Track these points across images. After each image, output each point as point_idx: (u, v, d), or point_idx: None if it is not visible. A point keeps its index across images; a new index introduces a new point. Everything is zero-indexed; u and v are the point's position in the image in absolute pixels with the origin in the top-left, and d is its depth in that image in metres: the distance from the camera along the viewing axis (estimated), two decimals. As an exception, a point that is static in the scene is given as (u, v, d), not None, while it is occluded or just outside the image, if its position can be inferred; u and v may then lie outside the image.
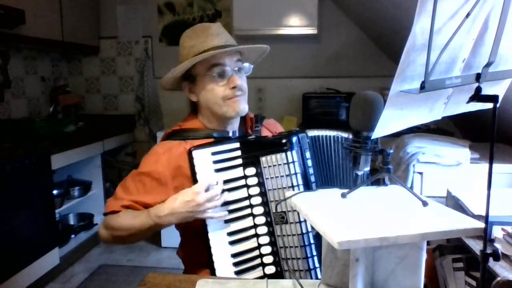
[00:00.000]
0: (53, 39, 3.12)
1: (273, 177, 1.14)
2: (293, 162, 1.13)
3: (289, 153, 1.13)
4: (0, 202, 2.29)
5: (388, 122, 0.82)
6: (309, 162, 1.17)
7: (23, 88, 3.32)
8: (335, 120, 3.20)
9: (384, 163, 0.94)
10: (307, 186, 1.14)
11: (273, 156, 1.14)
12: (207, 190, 1.11)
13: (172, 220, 1.12)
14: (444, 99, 0.89)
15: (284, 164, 1.13)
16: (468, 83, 0.79)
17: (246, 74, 1.29)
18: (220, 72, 1.21)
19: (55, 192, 2.95)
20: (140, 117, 3.82)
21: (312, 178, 1.17)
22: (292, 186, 1.12)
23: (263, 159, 1.14)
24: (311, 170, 1.17)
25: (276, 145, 1.15)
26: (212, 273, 1.12)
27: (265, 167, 1.14)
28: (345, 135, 1.19)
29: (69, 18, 3.28)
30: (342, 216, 0.83)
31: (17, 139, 2.72)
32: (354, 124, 0.97)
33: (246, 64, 1.28)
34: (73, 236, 3.21)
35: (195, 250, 1.25)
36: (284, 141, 1.14)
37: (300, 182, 1.13)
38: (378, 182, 1.00)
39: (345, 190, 0.93)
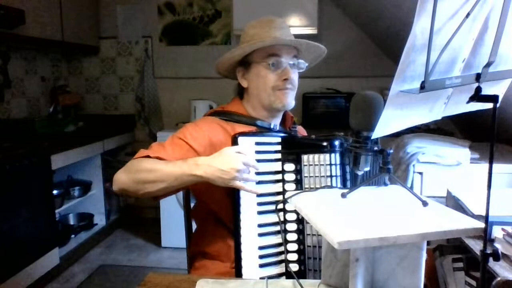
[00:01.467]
0: (53, 39, 3.11)
1: (312, 176, 1.14)
2: (335, 164, 1.13)
3: (333, 155, 1.13)
4: (0, 202, 2.29)
5: (388, 122, 0.82)
6: (348, 168, 1.17)
7: (23, 88, 3.32)
8: (335, 120, 3.20)
9: (384, 163, 0.94)
10: None
11: (316, 156, 1.14)
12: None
13: (207, 172, 1.08)
14: (444, 99, 0.89)
15: (327, 165, 1.13)
16: (468, 83, 0.79)
17: (300, 71, 1.32)
18: (275, 62, 1.25)
19: (55, 192, 2.95)
20: (140, 117, 3.82)
21: (348, 184, 1.16)
22: (331, 188, 1.11)
23: (304, 157, 1.15)
24: (348, 176, 1.16)
25: (319, 145, 1.15)
26: (237, 263, 1.12)
27: (306, 165, 1.14)
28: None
29: (69, 18, 3.27)
30: (342, 216, 0.83)
31: (17, 139, 2.71)
32: (354, 124, 0.97)
33: (301, 61, 1.31)
34: (73, 236, 3.21)
35: (210, 244, 1.27)
36: (326, 143, 1.14)
37: (339, 185, 1.13)
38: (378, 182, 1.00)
39: (345, 190, 0.93)
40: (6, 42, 2.89)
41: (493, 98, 0.72)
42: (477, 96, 0.73)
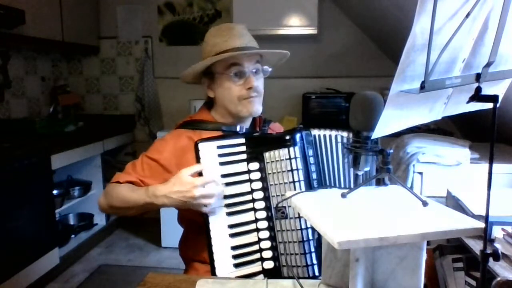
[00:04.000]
0: (53, 39, 3.12)
1: (275, 172, 1.15)
2: (295, 158, 1.14)
3: (291, 148, 1.14)
4: (0, 202, 2.29)
5: (388, 122, 0.82)
6: (312, 160, 1.18)
7: (23, 88, 3.32)
8: (335, 120, 3.20)
9: (384, 163, 0.94)
10: (309, 183, 1.15)
11: (276, 152, 1.15)
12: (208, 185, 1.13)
13: (166, 202, 1.13)
14: (444, 99, 0.89)
15: (287, 159, 1.14)
16: (468, 83, 0.79)
17: (264, 76, 1.33)
18: (237, 72, 1.25)
19: (55, 192, 2.95)
20: (140, 117, 3.82)
21: (314, 176, 1.17)
22: (293, 182, 1.13)
23: (266, 154, 1.16)
24: (313, 168, 1.17)
25: (280, 141, 1.16)
26: (212, 264, 1.13)
27: (268, 162, 1.16)
28: (345, 134, 1.19)
29: (69, 18, 3.28)
30: (342, 216, 0.83)
31: (17, 139, 2.72)
32: (354, 124, 0.97)
33: (265, 66, 1.31)
34: (73, 236, 3.21)
35: (197, 247, 1.27)
36: (287, 137, 1.15)
37: (302, 178, 1.13)
38: (378, 182, 1.00)
39: (345, 190, 0.93)
40: (6, 42, 2.89)
41: (493, 98, 0.72)
42: (477, 96, 0.73)
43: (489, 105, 0.74)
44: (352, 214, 0.85)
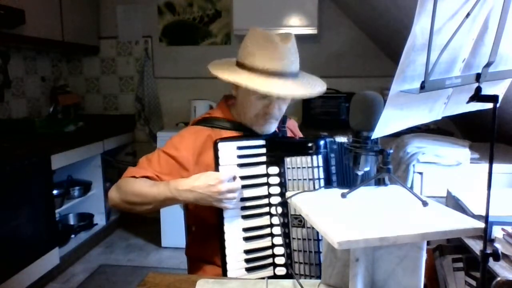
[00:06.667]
0: (53, 39, 3.11)
1: (295, 179, 1.12)
2: (318, 167, 1.11)
3: (314, 157, 1.11)
4: (0, 202, 2.29)
5: (388, 122, 0.82)
6: (334, 169, 1.14)
7: (23, 88, 3.32)
8: (335, 120, 3.20)
9: (384, 163, 0.94)
10: None
11: (298, 158, 1.12)
12: (229, 181, 1.11)
13: (189, 197, 1.10)
14: (444, 99, 0.89)
15: (309, 167, 1.11)
16: (468, 83, 0.79)
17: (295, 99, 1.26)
18: (263, 95, 1.17)
19: (55, 192, 2.95)
20: (140, 117, 3.82)
21: (335, 186, 1.14)
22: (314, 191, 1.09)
23: (287, 159, 1.13)
24: (334, 177, 1.14)
25: (302, 147, 1.13)
26: (223, 267, 1.12)
27: (289, 168, 1.13)
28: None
29: (69, 18, 3.27)
30: (342, 216, 0.83)
31: (17, 139, 2.72)
32: (354, 124, 0.97)
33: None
34: (73, 236, 3.21)
35: (207, 248, 1.26)
36: (310, 144, 1.12)
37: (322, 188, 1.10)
38: (378, 182, 1.00)
39: (345, 190, 0.93)
40: (6, 42, 2.89)
41: (493, 98, 0.72)
42: (477, 96, 0.73)
43: (489, 105, 0.74)
44: (352, 214, 0.85)
